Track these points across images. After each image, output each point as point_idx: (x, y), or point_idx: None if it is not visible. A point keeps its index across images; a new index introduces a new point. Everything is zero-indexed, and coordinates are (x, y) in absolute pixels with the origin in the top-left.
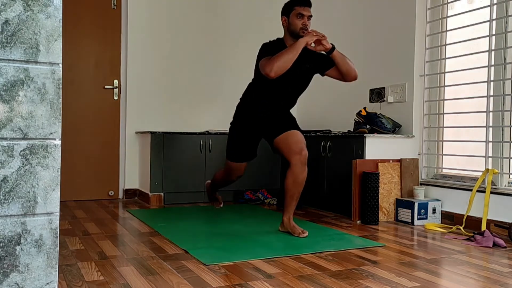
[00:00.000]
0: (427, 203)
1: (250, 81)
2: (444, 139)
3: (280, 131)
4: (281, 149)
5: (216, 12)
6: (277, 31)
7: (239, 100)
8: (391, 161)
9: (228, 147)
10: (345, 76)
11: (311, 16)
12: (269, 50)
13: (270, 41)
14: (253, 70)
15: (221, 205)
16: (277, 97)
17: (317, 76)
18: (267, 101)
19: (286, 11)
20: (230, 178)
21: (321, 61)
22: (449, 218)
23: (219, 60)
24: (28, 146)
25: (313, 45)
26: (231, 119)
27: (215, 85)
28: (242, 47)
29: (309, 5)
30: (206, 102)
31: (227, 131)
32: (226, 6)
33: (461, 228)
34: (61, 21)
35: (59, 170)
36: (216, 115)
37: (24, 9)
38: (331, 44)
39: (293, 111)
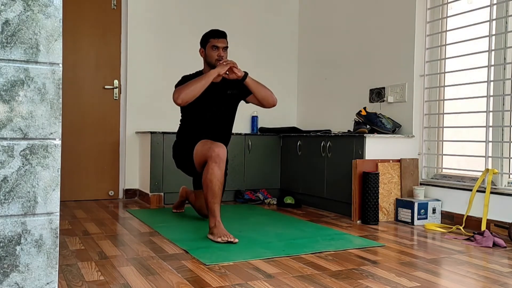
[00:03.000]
0: (427, 203)
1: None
2: (444, 139)
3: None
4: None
5: (216, 12)
6: (277, 31)
7: (174, 142)
8: (391, 161)
9: (179, 152)
10: (262, 102)
11: (226, 47)
12: (185, 81)
13: (190, 73)
14: (252, 71)
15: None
16: (208, 127)
17: (318, 76)
18: (200, 134)
19: (203, 43)
20: (214, 158)
21: (242, 88)
22: (449, 218)
23: None
24: (28, 146)
25: (227, 73)
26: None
27: None
28: (242, 47)
29: (223, 36)
30: None
31: None
32: (225, 6)
33: (461, 228)
34: (61, 21)
35: (59, 170)
36: None
37: (24, 9)
38: (244, 71)
39: (293, 110)
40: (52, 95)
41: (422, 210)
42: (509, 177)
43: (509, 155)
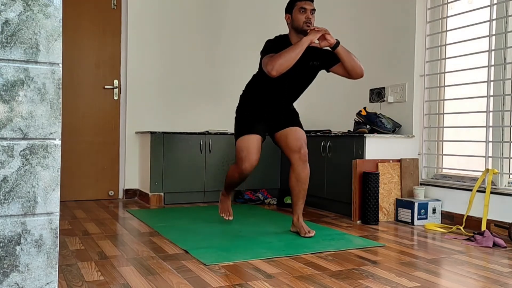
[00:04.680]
0: (427, 203)
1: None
2: (444, 139)
3: (281, 126)
4: (281, 146)
5: (216, 12)
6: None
7: (242, 91)
8: (391, 161)
9: (237, 126)
10: (350, 72)
11: (314, 10)
12: (273, 47)
13: (275, 37)
14: (252, 71)
15: (231, 218)
16: (281, 92)
17: (318, 76)
18: (270, 95)
19: (289, 8)
20: (242, 166)
21: (327, 57)
22: (449, 218)
23: (219, 60)
24: (28, 146)
25: (317, 41)
26: (232, 117)
27: (215, 85)
28: (243, 47)
29: None
30: (206, 102)
31: (227, 131)
32: (226, 6)
33: (461, 228)
34: (61, 21)
35: (59, 170)
36: (216, 115)
37: (24, 9)
38: (336, 39)
39: None
40: (52, 95)
41: (422, 210)
42: (509, 177)
43: (509, 155)
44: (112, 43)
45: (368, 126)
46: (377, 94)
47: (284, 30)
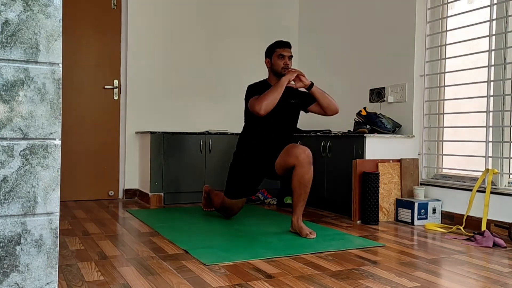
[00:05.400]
0: (427, 203)
1: (249, 83)
2: (444, 139)
3: (277, 154)
4: (283, 163)
5: (216, 12)
6: (277, 30)
7: (238, 139)
8: (391, 161)
9: (229, 183)
10: (325, 110)
11: (291, 56)
12: (256, 91)
13: (255, 82)
14: (252, 71)
15: (212, 209)
16: (269, 135)
17: (318, 76)
18: (260, 142)
19: (268, 53)
20: (223, 215)
21: (304, 97)
22: (449, 218)
23: (219, 60)
24: (28, 146)
25: (293, 82)
26: (232, 118)
27: (215, 85)
28: (243, 47)
29: (288, 46)
30: (206, 102)
31: (227, 131)
32: (226, 6)
33: (461, 228)
34: (61, 21)
35: (59, 170)
36: (216, 115)
37: (24, 9)
38: (310, 81)
39: None
40: (52, 95)
41: (422, 210)
42: (509, 177)
43: (509, 155)
44: (112, 43)
45: (368, 126)
46: (377, 94)
47: (282, 31)
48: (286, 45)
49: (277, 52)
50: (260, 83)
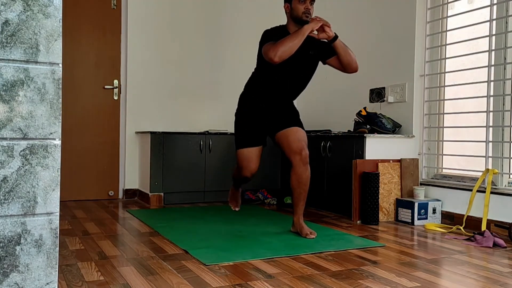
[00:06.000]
0: (427, 203)
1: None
2: (444, 139)
3: (282, 126)
4: (282, 147)
5: (216, 12)
6: None
7: (242, 92)
8: (391, 161)
9: (236, 135)
10: (345, 67)
11: (313, 0)
12: (273, 36)
13: (272, 27)
14: (252, 70)
15: (237, 209)
16: (283, 85)
17: (318, 76)
18: (270, 90)
19: None
20: (243, 174)
21: (324, 48)
22: (449, 218)
23: (219, 60)
24: (28, 146)
25: (316, 32)
26: (232, 118)
27: (215, 85)
28: (242, 47)
29: None
30: (206, 102)
31: (227, 131)
32: (226, 6)
33: (461, 228)
34: (61, 21)
35: (59, 170)
36: (216, 115)
37: (24, 9)
38: (334, 33)
39: None
40: (52, 95)
41: (422, 210)
42: (509, 177)
43: (509, 155)
44: (112, 43)
45: (368, 126)
46: (377, 94)
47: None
48: None
49: None
50: (279, 28)
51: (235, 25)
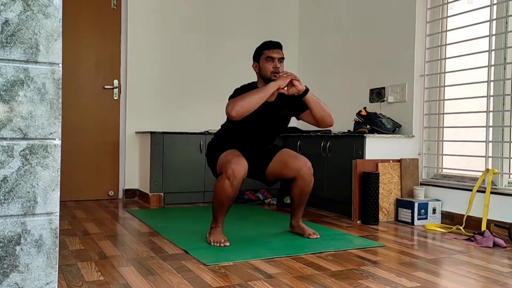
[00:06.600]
0: (427, 203)
1: (248, 83)
2: (444, 139)
3: (267, 161)
4: (280, 175)
5: (216, 12)
6: (277, 31)
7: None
8: (391, 161)
9: (211, 154)
10: (319, 121)
11: (282, 58)
12: (239, 93)
13: (242, 85)
14: (253, 70)
15: (227, 244)
16: (249, 142)
17: (318, 76)
18: (242, 138)
19: (256, 56)
20: (230, 176)
21: (296, 104)
22: (449, 218)
23: (219, 60)
24: (28, 146)
25: (286, 88)
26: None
27: (215, 85)
28: (242, 47)
29: (278, 47)
30: (206, 102)
31: None
32: (226, 6)
33: (461, 228)
34: (61, 21)
35: (59, 170)
36: (216, 115)
37: (24, 9)
38: (305, 86)
39: None
40: (52, 95)
41: (422, 210)
42: (509, 177)
43: (509, 155)
44: (112, 43)
45: (368, 126)
46: (377, 94)
47: (282, 31)
48: (276, 45)
49: (265, 54)
50: (247, 86)
51: (235, 24)
